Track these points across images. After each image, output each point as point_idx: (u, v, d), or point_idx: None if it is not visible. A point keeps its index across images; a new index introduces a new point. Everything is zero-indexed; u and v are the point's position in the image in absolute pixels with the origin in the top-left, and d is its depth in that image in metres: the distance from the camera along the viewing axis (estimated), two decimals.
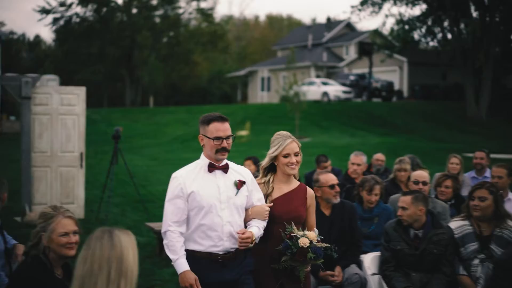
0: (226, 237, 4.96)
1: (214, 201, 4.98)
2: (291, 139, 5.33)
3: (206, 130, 5.05)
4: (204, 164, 5.10)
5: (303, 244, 4.94)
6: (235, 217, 5.06)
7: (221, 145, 4.99)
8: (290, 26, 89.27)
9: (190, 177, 5.04)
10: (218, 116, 5.09)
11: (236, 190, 5.07)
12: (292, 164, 5.27)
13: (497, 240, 6.07)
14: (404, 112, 40.42)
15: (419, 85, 51.34)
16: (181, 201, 4.98)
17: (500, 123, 38.72)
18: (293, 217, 5.23)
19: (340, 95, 45.85)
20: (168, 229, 4.96)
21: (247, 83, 65.14)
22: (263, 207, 5.17)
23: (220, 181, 5.06)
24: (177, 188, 5.01)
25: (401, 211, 6.21)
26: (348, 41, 61.47)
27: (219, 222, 4.96)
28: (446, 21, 41.76)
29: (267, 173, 5.42)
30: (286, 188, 5.37)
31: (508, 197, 8.10)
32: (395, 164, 9.37)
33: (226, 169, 5.11)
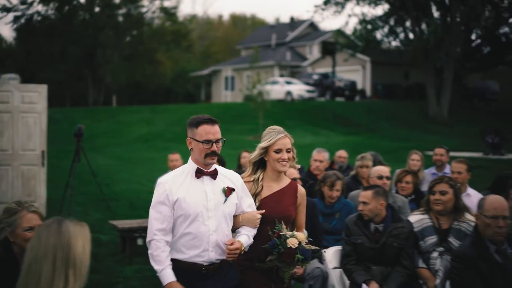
0: (212, 247, 4.70)
1: (201, 208, 4.69)
2: (284, 134, 5.06)
3: (194, 132, 4.73)
4: (191, 170, 4.80)
5: (292, 245, 4.71)
6: (223, 226, 4.79)
7: (210, 149, 4.69)
8: (253, 25, 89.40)
9: (177, 183, 4.74)
10: (207, 119, 4.78)
11: (225, 198, 4.79)
12: (283, 160, 5.01)
13: (455, 233, 6.18)
14: (367, 111, 40.77)
15: (382, 84, 51.82)
16: (166, 208, 4.69)
17: (461, 122, 39.29)
18: (283, 217, 4.96)
19: (303, 94, 46.05)
20: (153, 238, 4.68)
21: (211, 82, 65.07)
22: (254, 215, 4.90)
23: (208, 188, 4.78)
24: (163, 195, 4.70)
25: (362, 206, 6.28)
26: (312, 41, 61.77)
27: (205, 231, 4.69)
28: (408, 21, 42.25)
29: (256, 169, 5.15)
30: (276, 186, 5.11)
31: (467, 192, 8.24)
32: (357, 161, 9.49)
33: (214, 175, 4.82)
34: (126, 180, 19.55)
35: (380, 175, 7.74)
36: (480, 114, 42.57)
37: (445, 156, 10.22)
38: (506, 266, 5.14)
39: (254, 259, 4.91)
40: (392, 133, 34.33)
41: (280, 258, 4.75)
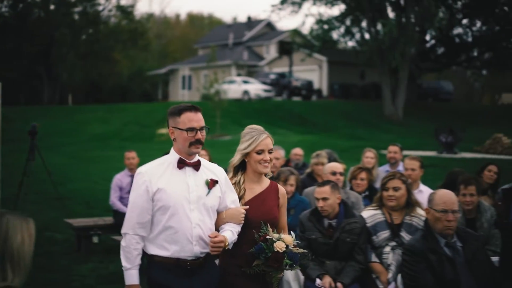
0: (196, 240, 4.48)
1: (182, 200, 4.48)
2: (265, 134, 4.87)
3: (177, 121, 4.54)
4: (173, 160, 4.59)
5: (279, 249, 4.50)
6: (206, 219, 4.57)
7: (195, 137, 4.49)
8: (211, 24, 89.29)
9: (157, 173, 4.52)
10: (190, 106, 4.59)
11: (208, 190, 4.58)
12: (265, 161, 4.82)
13: (407, 228, 6.30)
14: (323, 111, 41.05)
15: (338, 84, 52.23)
16: (145, 199, 4.47)
17: (416, 122, 39.83)
18: (268, 219, 4.78)
19: (260, 93, 46.17)
20: (127, 231, 4.51)
21: (168, 81, 64.83)
22: (238, 210, 4.69)
23: (190, 179, 4.56)
24: (142, 185, 4.48)
25: (322, 202, 6.32)
26: (269, 40, 61.94)
27: (188, 225, 4.46)
28: (364, 21, 42.67)
29: (237, 172, 4.96)
30: (258, 188, 4.93)
31: (419, 189, 8.38)
32: (313, 158, 9.58)
33: (197, 166, 4.61)
34: (82, 178, 19.39)
35: (333, 171, 7.83)
36: (434, 113, 43.19)
37: (399, 153, 10.36)
38: (455, 259, 5.25)
39: (241, 264, 4.69)
40: (348, 132, 34.62)
41: (267, 262, 4.56)
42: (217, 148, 24.78)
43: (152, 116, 38.27)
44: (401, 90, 41.31)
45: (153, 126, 33.77)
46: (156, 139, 30.34)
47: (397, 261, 6.16)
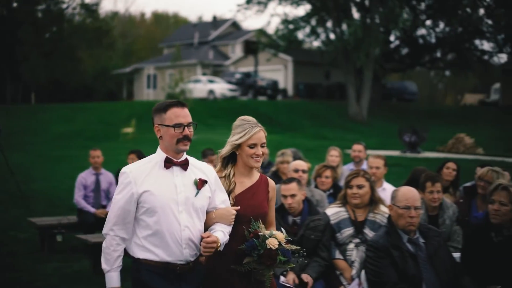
0: (185, 244, 4.30)
1: (170, 202, 4.29)
2: (258, 127, 4.68)
3: (163, 118, 4.36)
4: (160, 159, 4.39)
5: (272, 246, 4.33)
6: (195, 221, 4.39)
7: (182, 133, 4.31)
8: (176, 24, 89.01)
9: (142, 174, 4.32)
10: (176, 101, 4.43)
11: (196, 190, 4.40)
12: (258, 156, 4.64)
13: (370, 225, 6.38)
14: (289, 110, 41.19)
15: (303, 84, 52.44)
16: (128, 201, 4.28)
17: (380, 121, 40.17)
18: (258, 214, 4.62)
19: (226, 93, 46.17)
20: (108, 232, 4.32)
21: (133, 80, 64.47)
22: (228, 210, 4.51)
23: (177, 180, 4.37)
24: (127, 187, 4.29)
25: (290, 199, 6.37)
26: (234, 40, 61.96)
27: (176, 227, 4.28)
28: (329, 21, 42.87)
29: (227, 164, 4.77)
30: (248, 181, 4.74)
31: (383, 187, 8.49)
32: (278, 157, 9.65)
33: (185, 165, 4.42)
34: (45, 177, 19.20)
35: (296, 168, 7.90)
36: (398, 113, 43.58)
37: (363, 152, 10.47)
38: (418, 255, 5.35)
39: (229, 261, 4.49)
40: (313, 132, 34.80)
41: (260, 260, 4.38)
42: None
43: (116, 115, 38.02)
44: (365, 90, 41.62)
45: (118, 125, 33.51)
46: (121, 138, 30.12)
47: (360, 258, 6.23)
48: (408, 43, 47.65)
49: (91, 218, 10.57)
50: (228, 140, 4.74)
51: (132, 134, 31.01)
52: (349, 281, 6.23)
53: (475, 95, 68.92)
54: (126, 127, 31.80)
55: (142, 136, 29.87)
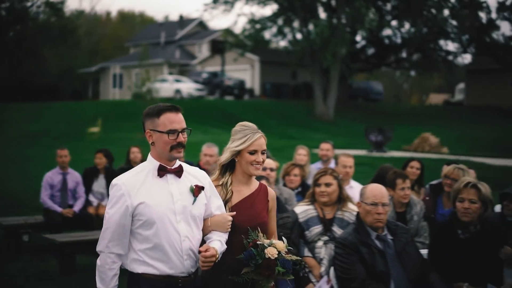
0: (186, 255, 4.10)
1: (167, 212, 4.06)
2: (259, 133, 4.53)
3: (156, 123, 4.11)
4: (152, 168, 4.15)
5: (271, 255, 4.14)
6: (194, 230, 4.19)
7: (177, 140, 4.08)
8: (142, 23, 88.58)
9: (136, 184, 4.08)
10: (170, 106, 4.15)
11: (193, 198, 4.19)
12: (258, 163, 4.46)
13: (338, 222, 6.43)
14: (256, 110, 41.22)
15: (270, 83, 52.55)
16: (124, 215, 4.03)
17: (346, 121, 40.43)
18: (257, 224, 4.41)
19: (193, 92, 46.10)
20: (103, 250, 4.08)
21: (99, 79, 64.00)
22: (224, 217, 4.31)
23: (173, 188, 4.15)
24: (120, 199, 4.04)
25: None
26: (201, 39, 61.88)
27: (176, 238, 4.07)
28: (296, 21, 43.01)
29: (224, 172, 4.57)
30: (247, 190, 4.55)
31: (350, 185, 8.56)
32: None
33: (179, 172, 4.20)
34: (11, 177, 18.97)
35: (264, 167, 7.93)
36: (364, 113, 43.90)
37: (331, 151, 10.55)
38: (386, 252, 5.41)
39: (226, 272, 4.30)
40: (280, 131, 34.87)
41: (258, 270, 4.18)
42: (147, 147, 24.56)
43: (82, 114, 37.71)
44: (332, 90, 41.82)
45: (84, 125, 33.23)
46: (87, 138, 29.87)
47: (329, 255, 6.27)
48: (374, 44, 48.07)
49: (58, 217, 10.50)
50: (227, 146, 4.55)
51: (98, 133, 30.79)
52: (317, 278, 6.26)
53: (439, 95, 69.77)
54: (92, 126, 31.56)
55: (108, 135, 29.70)
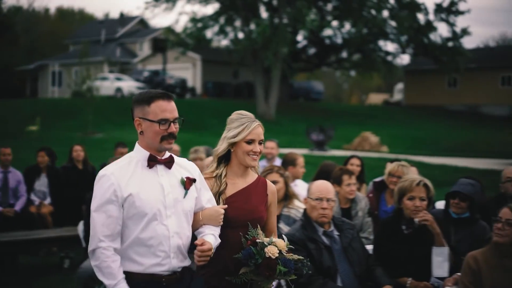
0: (174, 252, 3.85)
1: (158, 205, 3.82)
2: (257, 122, 4.35)
3: (146, 111, 3.87)
4: (141, 158, 3.90)
5: (271, 254, 3.93)
6: (184, 226, 3.94)
7: (168, 130, 3.85)
8: (82, 20, 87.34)
9: (125, 175, 3.82)
10: (162, 93, 3.92)
11: (184, 191, 3.95)
12: (255, 153, 4.28)
13: (285, 219, 6.48)
14: (197, 109, 41.10)
15: (212, 82, 52.50)
16: (114, 207, 3.77)
17: (288, 120, 40.66)
18: (253, 219, 4.20)
19: (134, 91, 45.68)
20: (98, 245, 3.76)
21: (37, 77, 62.85)
22: (216, 210, 4.08)
23: (163, 180, 3.90)
24: (109, 191, 3.78)
25: None
26: (142, 37, 61.43)
27: (165, 234, 3.82)
28: (238, 20, 43.04)
29: (219, 163, 4.37)
30: (242, 182, 4.34)
31: (295, 183, 8.63)
32: (191, 154, 9.66)
33: (170, 163, 3.96)
34: None
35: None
36: (305, 112, 44.22)
37: (276, 149, 10.62)
38: (333, 247, 5.48)
39: (222, 271, 4.12)
40: (221, 130, 34.42)
41: (257, 270, 3.97)
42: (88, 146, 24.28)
43: (20, 113, 36.98)
44: (273, 89, 41.98)
45: (22, 123, 32.57)
46: (25, 136, 29.29)
47: None
48: (315, 44, 48.43)
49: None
50: (223, 136, 4.37)
51: (36, 132, 30.26)
52: None
53: (379, 95, 70.88)
54: (31, 125, 30.98)
55: (47, 134, 29.21)
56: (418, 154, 25.33)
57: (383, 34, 44.38)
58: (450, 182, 12.88)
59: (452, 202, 5.93)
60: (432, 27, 43.26)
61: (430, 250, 5.58)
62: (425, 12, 43.15)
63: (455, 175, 16.06)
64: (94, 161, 11.78)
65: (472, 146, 33.75)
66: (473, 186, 5.98)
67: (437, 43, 43.57)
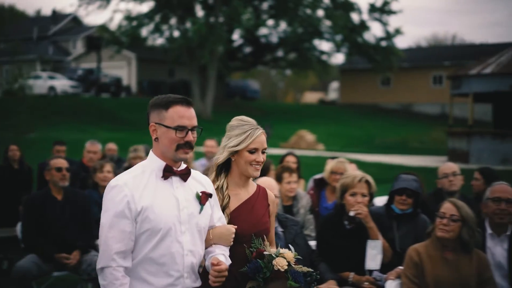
0: (187, 272, 3.59)
1: (173, 221, 3.55)
2: (260, 129, 4.07)
3: (163, 116, 3.60)
4: (156, 168, 3.63)
5: (280, 267, 3.69)
6: (197, 244, 3.67)
7: (185, 138, 3.57)
8: (13, 17, 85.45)
9: (139, 186, 3.55)
10: (182, 98, 3.65)
11: (200, 206, 3.69)
12: (258, 163, 4.01)
13: None
14: (133, 108, 40.74)
15: (147, 81, 52.11)
16: (127, 221, 3.49)
17: (224, 119, 40.40)
18: (258, 231, 3.97)
19: (67, 89, 44.98)
20: (109, 264, 3.47)
21: None
22: (228, 229, 3.81)
23: (179, 193, 3.63)
24: (122, 203, 3.49)
25: None
26: (75, 35, 60.58)
27: (179, 252, 3.55)
28: (173, 19, 42.84)
29: (219, 174, 4.09)
30: (244, 193, 4.08)
31: None
32: (130, 152, 9.65)
33: (186, 175, 3.69)
34: None
35: None
36: (241, 111, 44.02)
37: (215, 147, 10.63)
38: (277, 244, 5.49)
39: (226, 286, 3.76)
40: None
41: (266, 285, 3.73)
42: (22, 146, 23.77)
43: None
44: (210, 88, 41.95)
45: None
46: None
47: None
48: (251, 42, 48.58)
49: None
50: (223, 144, 4.09)
51: None
52: None
53: (314, 93, 71.65)
54: None
55: None
56: (353, 152, 25.73)
57: (318, 33, 44.80)
58: (385, 180, 13.18)
59: (398, 199, 6.02)
60: (366, 27, 43.89)
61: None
62: (359, 11, 43.77)
63: (390, 173, 16.40)
64: (29, 161, 11.55)
65: (406, 143, 34.49)
66: (416, 182, 6.10)
67: (371, 43, 44.24)
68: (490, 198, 5.69)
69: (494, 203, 5.63)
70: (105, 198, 3.59)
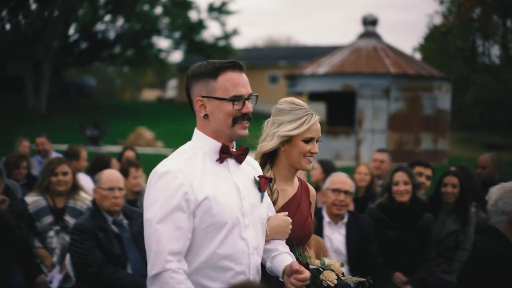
0: (252, 275, 2.99)
1: (237, 213, 2.96)
2: (316, 115, 3.49)
3: (212, 87, 2.96)
4: (209, 149, 3.01)
5: (330, 282, 3.17)
6: (260, 239, 3.08)
7: (242, 110, 2.96)
8: None
9: (195, 172, 2.92)
10: (232, 62, 3.01)
11: (260, 193, 3.11)
12: (312, 154, 3.47)
13: (70, 212, 6.44)
14: None
15: None
16: (184, 215, 2.86)
17: (60, 116, 39.67)
18: (304, 235, 3.48)
19: None
20: (166, 267, 2.82)
21: None
22: (284, 220, 3.23)
23: (237, 178, 3.04)
24: (178, 193, 2.86)
25: None
26: None
27: (244, 250, 2.96)
28: (4, 11, 41.19)
29: (264, 164, 3.51)
30: (291, 189, 3.54)
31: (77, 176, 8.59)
32: None
33: (242, 156, 3.09)
34: None
35: None
36: (78, 108, 43.37)
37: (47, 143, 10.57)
38: (122, 235, 5.59)
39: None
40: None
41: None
42: None
43: None
44: (44, 84, 40.71)
45: None
46: None
47: (61, 245, 6.29)
48: (87, 38, 47.60)
49: None
50: (269, 131, 3.53)
51: None
52: (49, 268, 6.20)
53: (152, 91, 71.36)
54: None
55: None
56: None
57: (156, 30, 44.73)
58: None
59: None
60: (204, 26, 44.38)
61: None
62: (198, 10, 44.19)
63: None
64: None
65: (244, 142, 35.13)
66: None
67: (209, 42, 44.78)
68: (330, 189, 6.00)
69: (334, 193, 5.94)
70: (151, 187, 2.97)
